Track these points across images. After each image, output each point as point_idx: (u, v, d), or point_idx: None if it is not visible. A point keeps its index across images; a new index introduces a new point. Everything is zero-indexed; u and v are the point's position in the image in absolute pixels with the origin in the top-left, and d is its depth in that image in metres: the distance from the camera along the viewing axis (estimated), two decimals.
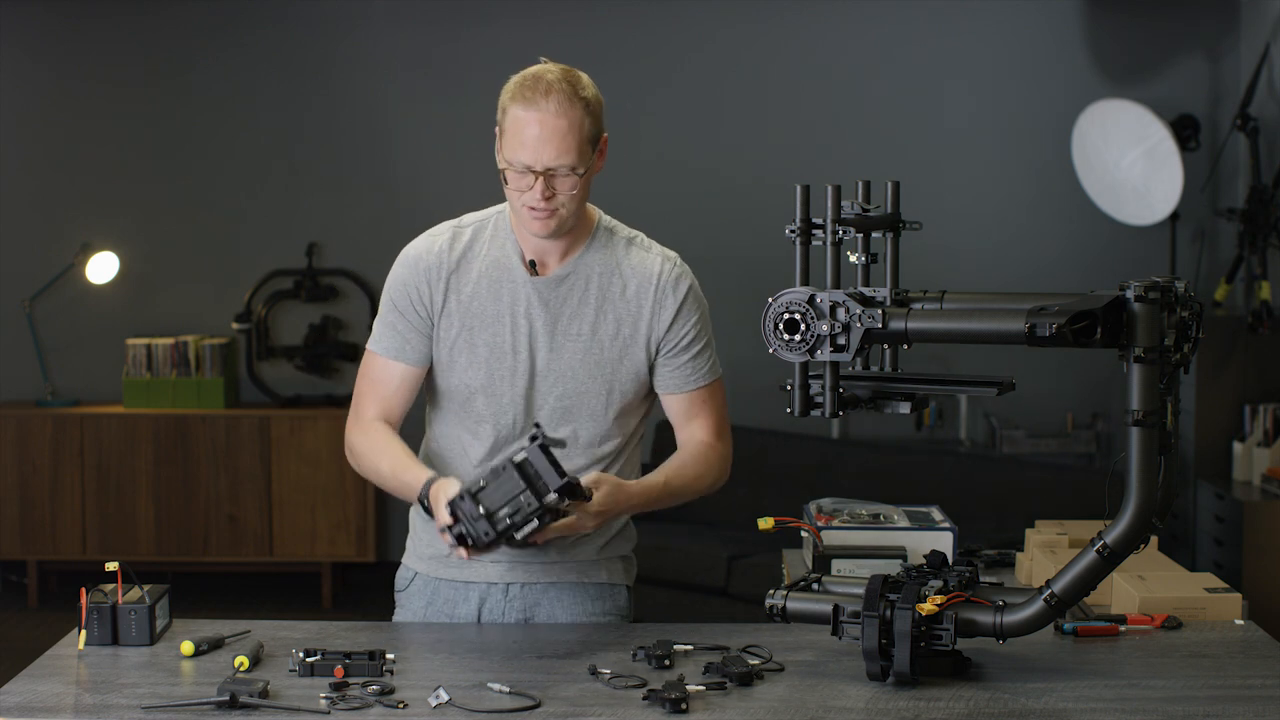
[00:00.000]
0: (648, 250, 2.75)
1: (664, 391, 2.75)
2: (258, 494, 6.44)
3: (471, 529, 2.41)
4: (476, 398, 2.70)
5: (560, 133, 2.54)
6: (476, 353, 2.69)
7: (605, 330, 2.69)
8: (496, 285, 2.69)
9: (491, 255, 2.70)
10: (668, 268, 2.73)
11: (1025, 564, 3.02)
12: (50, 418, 6.49)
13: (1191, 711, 2.21)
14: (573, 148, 2.56)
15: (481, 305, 2.69)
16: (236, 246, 6.87)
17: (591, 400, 2.70)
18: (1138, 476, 2.24)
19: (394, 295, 2.72)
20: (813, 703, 2.25)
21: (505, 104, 2.59)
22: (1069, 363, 6.44)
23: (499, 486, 2.41)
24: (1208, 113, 6.44)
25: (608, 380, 2.70)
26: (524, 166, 2.56)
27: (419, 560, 2.83)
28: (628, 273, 2.71)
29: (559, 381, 2.68)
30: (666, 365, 2.73)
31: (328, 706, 2.22)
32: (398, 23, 6.70)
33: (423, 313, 2.70)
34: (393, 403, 2.74)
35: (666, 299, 2.71)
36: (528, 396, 2.69)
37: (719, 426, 2.79)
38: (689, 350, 2.73)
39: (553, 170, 2.56)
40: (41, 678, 2.37)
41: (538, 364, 2.68)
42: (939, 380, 2.43)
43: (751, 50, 6.68)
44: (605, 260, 2.71)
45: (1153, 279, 2.21)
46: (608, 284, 2.70)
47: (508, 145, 2.58)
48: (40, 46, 6.80)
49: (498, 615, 2.76)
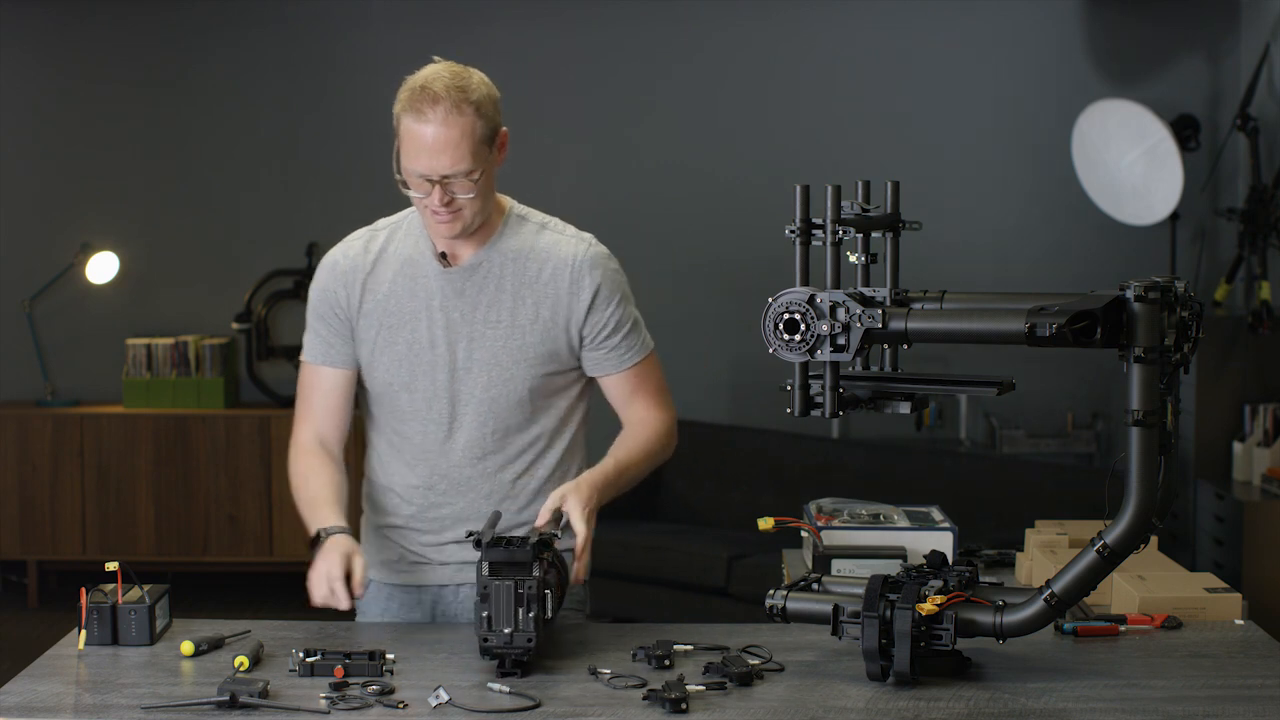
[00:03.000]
0: (561, 233, 2.76)
1: (599, 374, 2.78)
2: (258, 494, 6.44)
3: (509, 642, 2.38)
4: (400, 395, 2.72)
5: (452, 142, 2.55)
6: (396, 350, 2.71)
7: (524, 315, 2.70)
8: (411, 281, 2.71)
9: (404, 253, 2.73)
10: (582, 248, 2.73)
11: (1025, 564, 3.02)
12: (50, 418, 6.49)
13: (1191, 711, 2.21)
14: (466, 154, 2.56)
15: (398, 303, 2.71)
16: (236, 246, 6.87)
17: (518, 386, 2.71)
18: (1138, 476, 2.24)
19: (315, 303, 2.77)
20: (813, 703, 2.25)
21: (398, 114, 2.61)
22: (1069, 363, 6.44)
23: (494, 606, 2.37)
24: (1208, 113, 6.43)
25: (531, 365, 2.71)
26: (420, 176, 2.58)
27: (373, 567, 2.84)
28: (542, 256, 2.72)
29: (483, 371, 2.70)
30: (597, 350, 2.74)
31: (328, 706, 2.22)
32: (398, 23, 6.70)
33: (342, 315, 2.73)
34: (325, 412, 2.77)
35: (584, 280, 2.71)
36: (451, 389, 2.71)
37: (658, 398, 2.82)
38: (618, 332, 2.75)
39: (449, 178, 2.58)
40: (41, 678, 2.37)
41: (458, 356, 2.70)
42: (939, 380, 2.43)
43: (751, 50, 6.68)
44: (518, 246, 2.72)
45: (1153, 279, 2.21)
46: (522, 269, 2.71)
47: (404, 155, 2.60)
48: (40, 46, 6.80)
49: (451, 616, 2.79)
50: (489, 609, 2.35)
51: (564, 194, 6.69)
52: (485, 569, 2.38)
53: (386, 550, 2.82)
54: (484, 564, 2.38)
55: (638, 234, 6.50)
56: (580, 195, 6.59)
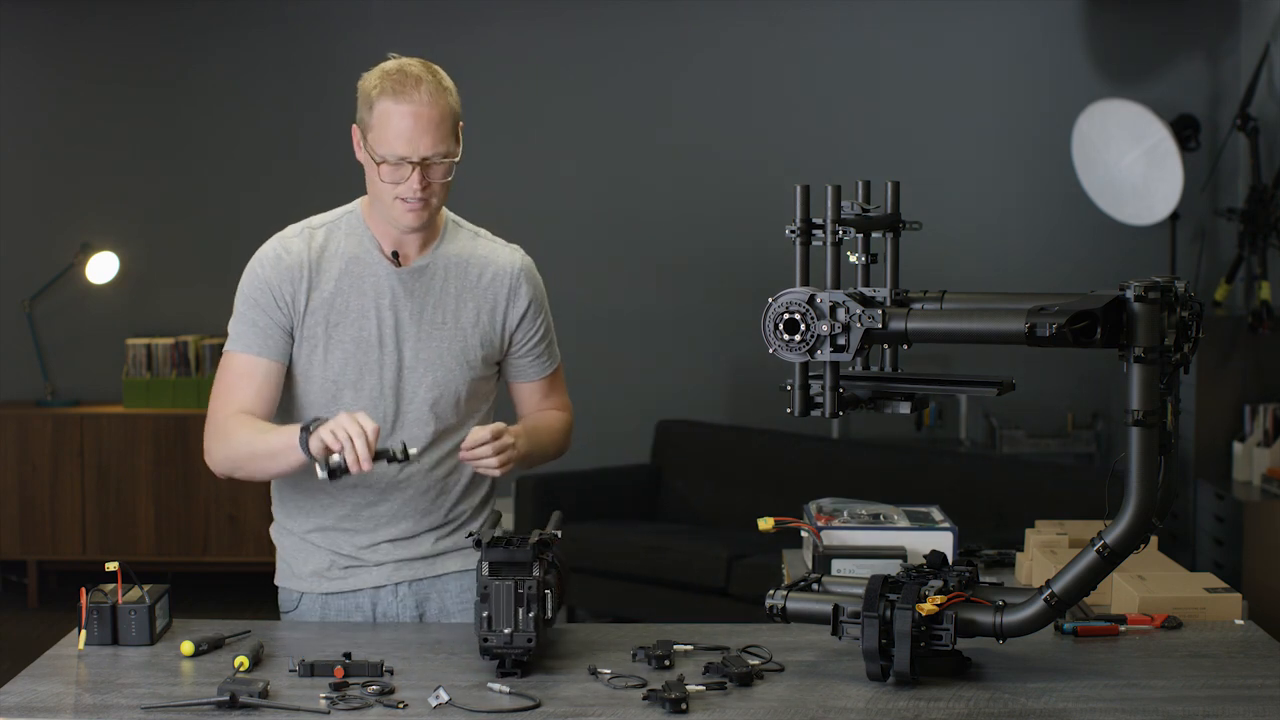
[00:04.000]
0: (494, 242, 2.83)
1: (519, 380, 2.85)
2: (258, 494, 6.40)
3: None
4: (344, 393, 2.71)
5: (435, 121, 2.60)
6: (343, 348, 2.70)
7: (466, 318, 2.74)
8: (359, 280, 2.71)
9: (349, 251, 2.72)
10: (517, 258, 2.81)
11: (1025, 564, 3.02)
12: (50, 418, 6.49)
13: (1191, 711, 2.21)
14: (447, 135, 2.62)
15: (345, 300, 2.70)
16: (236, 246, 6.80)
17: (457, 386, 2.75)
18: (1138, 476, 2.24)
19: (254, 294, 2.71)
20: (813, 703, 2.25)
21: (372, 98, 2.61)
22: (1069, 363, 6.43)
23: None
24: (1208, 113, 6.44)
25: (471, 367, 2.75)
26: (400, 158, 2.59)
27: (298, 579, 2.82)
28: (481, 263, 2.77)
29: (429, 371, 2.72)
30: (524, 358, 2.83)
31: (328, 706, 2.22)
32: (398, 23, 6.70)
33: (285, 309, 2.70)
34: (255, 401, 2.70)
35: (520, 287, 2.78)
36: (397, 388, 2.71)
37: (565, 399, 2.93)
38: (542, 342, 2.84)
39: (429, 159, 2.60)
40: (41, 678, 2.37)
41: (405, 355, 2.71)
42: (939, 380, 2.43)
43: (751, 51, 6.68)
44: (458, 251, 2.77)
45: (1153, 279, 2.21)
46: (464, 273, 2.75)
47: (380, 140, 2.60)
48: (40, 46, 6.80)
49: (393, 616, 2.78)
50: (489, 609, 2.35)
51: (564, 194, 6.69)
52: (485, 569, 2.38)
53: (314, 558, 2.79)
54: (484, 564, 2.38)
55: (637, 234, 6.50)
56: (580, 195, 6.59)
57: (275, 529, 2.87)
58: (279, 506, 2.85)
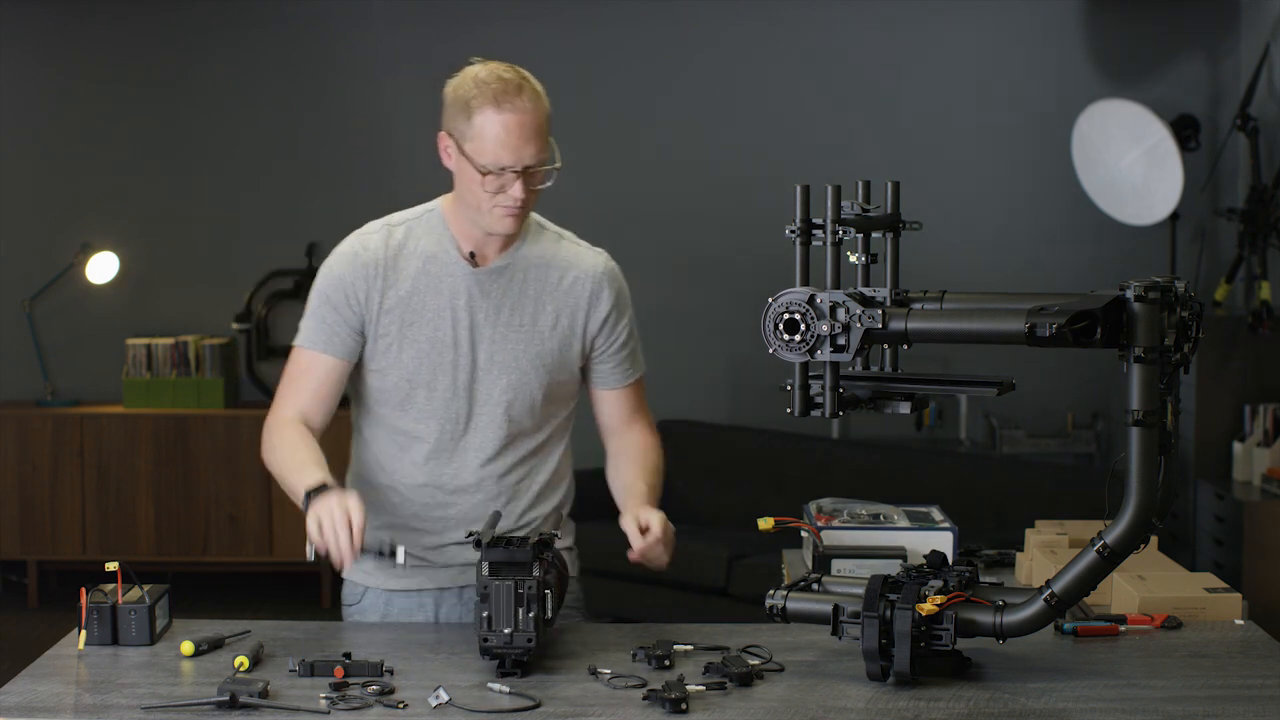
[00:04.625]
0: (578, 244, 2.80)
1: (600, 387, 2.81)
2: (258, 494, 6.43)
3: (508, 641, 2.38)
4: (418, 393, 2.70)
5: (538, 128, 2.59)
6: (418, 347, 2.69)
7: (545, 321, 2.72)
8: (435, 279, 2.70)
9: (427, 250, 2.71)
10: (601, 261, 2.79)
11: (1025, 564, 3.02)
12: (50, 418, 6.49)
13: (1191, 711, 2.21)
14: (546, 138, 2.62)
15: (421, 299, 2.69)
16: (236, 246, 6.87)
17: (532, 391, 2.72)
18: (1138, 476, 2.24)
19: (328, 290, 2.71)
20: (813, 703, 2.25)
21: (470, 107, 2.58)
22: (1069, 363, 6.44)
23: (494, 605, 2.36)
24: (1208, 113, 6.44)
25: (548, 370, 2.73)
26: (503, 168, 2.57)
27: (366, 574, 2.82)
28: (563, 265, 2.75)
29: (503, 373, 2.70)
30: (605, 363, 2.79)
31: (328, 706, 2.22)
32: (398, 23, 6.70)
33: (356, 309, 2.69)
34: (314, 399, 2.72)
35: (603, 291, 2.76)
36: (470, 389, 2.70)
37: (650, 419, 2.90)
38: (625, 347, 2.80)
39: (531, 167, 2.59)
40: (41, 678, 2.37)
41: (480, 356, 2.70)
42: (939, 380, 2.43)
43: (751, 51, 6.68)
44: (540, 253, 2.74)
45: (1153, 279, 2.21)
46: (544, 276, 2.73)
47: (481, 149, 2.57)
48: (40, 46, 6.80)
49: (455, 619, 2.78)
50: (489, 609, 2.35)
51: (563, 194, 6.68)
52: (485, 569, 2.38)
53: (382, 557, 2.80)
54: (484, 564, 2.38)
55: (637, 234, 6.49)
56: (580, 195, 6.57)
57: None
58: None
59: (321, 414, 2.74)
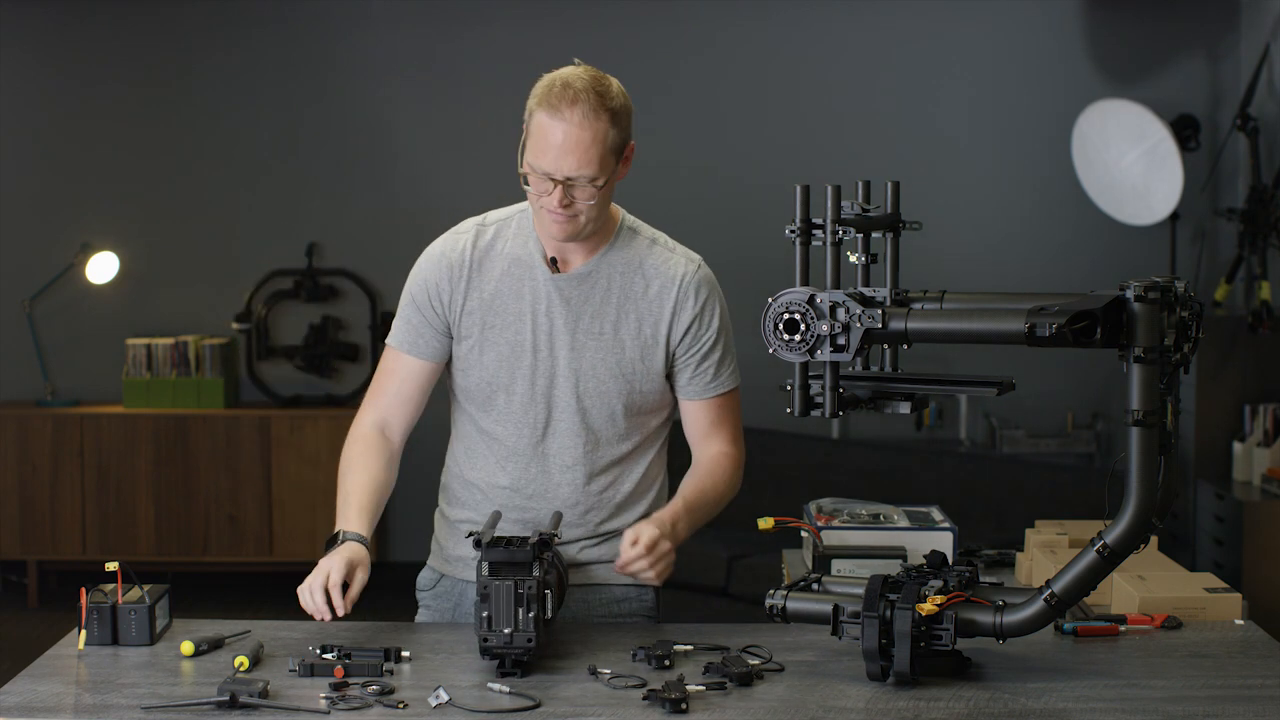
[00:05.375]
0: (671, 251, 2.75)
1: (685, 398, 2.75)
2: (258, 494, 6.44)
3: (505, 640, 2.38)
4: (497, 396, 2.70)
5: (584, 145, 2.53)
6: (499, 350, 2.68)
7: (627, 330, 2.68)
8: (518, 283, 2.68)
9: (514, 252, 2.69)
10: (691, 269, 2.74)
11: (1025, 564, 3.02)
12: (50, 418, 6.49)
13: (1191, 711, 2.21)
14: (594, 160, 2.55)
15: (503, 302, 2.68)
16: (236, 246, 6.87)
17: (611, 400, 2.69)
18: (1138, 476, 2.24)
19: (414, 290, 2.73)
20: (813, 703, 2.25)
21: (532, 107, 2.56)
22: (1069, 363, 6.44)
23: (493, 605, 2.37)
24: (1208, 113, 6.44)
25: (628, 380, 2.69)
26: (543, 174, 2.55)
27: (445, 562, 2.84)
28: (650, 273, 2.71)
29: (581, 380, 2.68)
30: (688, 369, 2.72)
31: (327, 706, 2.22)
32: (398, 23, 6.70)
33: (439, 309, 2.70)
34: (399, 400, 2.74)
35: (688, 299, 2.71)
36: (549, 396, 2.68)
37: (736, 434, 2.80)
38: (710, 355, 2.72)
39: (572, 180, 2.55)
40: (41, 678, 2.37)
41: (559, 362, 2.67)
42: (939, 380, 2.43)
43: (751, 50, 6.68)
44: (627, 260, 2.71)
45: (1153, 279, 2.21)
46: (630, 283, 2.69)
47: (531, 150, 2.56)
48: (40, 46, 6.80)
49: None
50: (489, 609, 2.35)
51: None
52: (485, 569, 2.38)
53: (461, 546, 2.79)
54: (484, 564, 2.38)
55: None
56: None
57: (437, 513, 2.86)
58: (442, 492, 2.86)
59: (404, 416, 2.75)
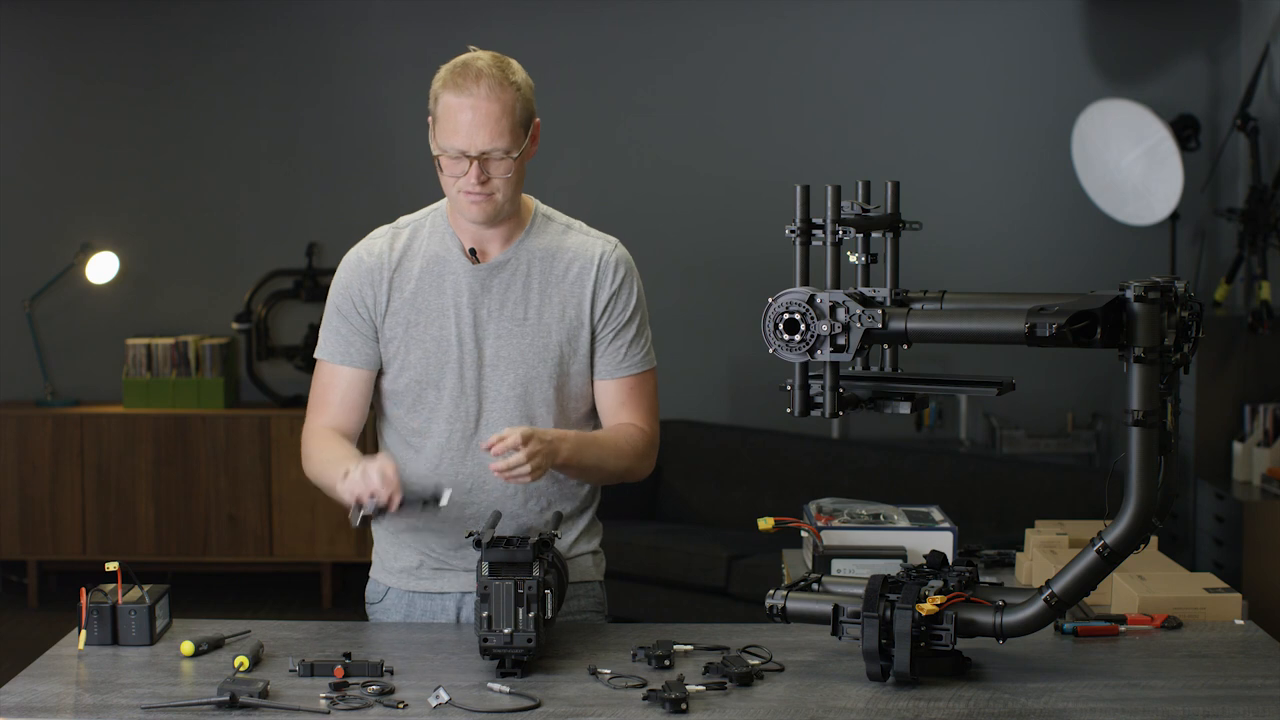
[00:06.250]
0: (587, 234, 2.77)
1: (598, 377, 2.75)
2: (258, 494, 6.44)
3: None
4: (427, 393, 2.71)
5: (494, 117, 2.57)
6: (424, 347, 2.70)
7: (551, 314, 2.70)
8: (438, 279, 2.70)
9: (431, 250, 2.72)
10: (609, 249, 2.76)
11: (1025, 564, 3.02)
12: (50, 418, 6.49)
13: (1191, 711, 2.21)
14: (505, 131, 2.59)
15: (425, 300, 2.70)
16: (236, 246, 6.87)
17: (544, 385, 2.70)
18: (1138, 476, 2.24)
19: (337, 300, 2.74)
20: (813, 703, 2.25)
21: (437, 92, 2.61)
22: (1069, 363, 6.44)
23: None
24: (1208, 113, 6.44)
25: (558, 364, 2.70)
26: (458, 152, 2.59)
27: (389, 574, 2.83)
28: (569, 256, 2.73)
29: (510, 369, 2.69)
30: (600, 345, 2.73)
31: (328, 706, 2.22)
32: (398, 23, 6.70)
33: (365, 315, 2.71)
34: (341, 409, 2.74)
35: (606, 276, 2.73)
36: (479, 387, 2.69)
37: (648, 416, 2.77)
38: (625, 332, 2.74)
39: (487, 154, 2.59)
40: (41, 678, 2.37)
41: (485, 353, 2.69)
42: (939, 380, 2.43)
43: (750, 50, 6.68)
44: (545, 245, 2.73)
45: (1153, 279, 2.21)
46: (549, 268, 2.71)
47: (441, 132, 2.61)
48: (40, 46, 6.80)
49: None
50: (489, 609, 2.35)
51: (563, 193, 6.68)
52: (485, 569, 2.38)
53: (404, 557, 2.80)
54: (484, 564, 2.38)
55: (636, 234, 6.46)
56: (579, 195, 6.58)
57: (376, 524, 2.84)
58: None
59: (353, 422, 2.76)
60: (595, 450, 2.67)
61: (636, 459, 2.74)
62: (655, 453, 2.79)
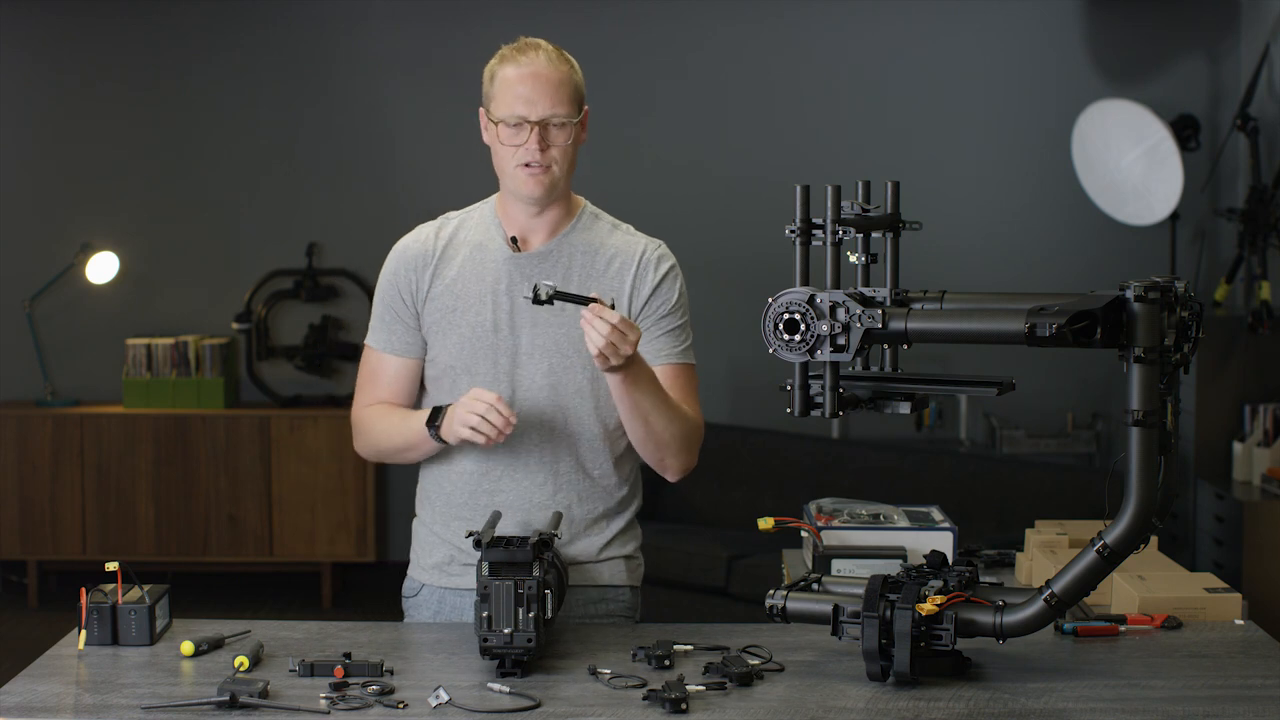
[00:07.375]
0: (633, 235, 2.80)
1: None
2: (258, 494, 6.44)
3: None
4: (461, 379, 2.72)
5: (554, 83, 2.64)
6: (459, 333, 2.71)
7: None
8: (480, 267, 2.72)
9: (475, 239, 2.75)
10: (652, 247, 2.78)
11: (1025, 564, 3.02)
12: (50, 418, 6.49)
13: (1191, 711, 2.21)
14: (566, 99, 2.65)
15: (465, 287, 2.72)
16: (236, 246, 6.87)
17: (578, 376, 2.71)
18: (1138, 476, 2.24)
19: (383, 288, 2.79)
20: (813, 703, 2.25)
21: (493, 69, 2.70)
22: (1069, 363, 6.44)
23: None
24: (1208, 113, 6.44)
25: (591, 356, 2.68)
26: (519, 118, 2.62)
27: (423, 571, 2.84)
28: (611, 252, 2.75)
29: (544, 358, 2.70)
30: (645, 337, 2.72)
31: (328, 706, 2.22)
32: (398, 23, 6.70)
33: (408, 302, 2.74)
34: (389, 392, 2.78)
35: (648, 273, 2.75)
36: (512, 375, 2.71)
37: (689, 400, 2.80)
38: (667, 322, 2.76)
39: (547, 120, 2.63)
40: (41, 678, 2.37)
41: (521, 341, 2.70)
42: (939, 380, 2.43)
43: (751, 50, 6.68)
44: (589, 240, 2.75)
45: (1153, 279, 2.21)
46: (590, 262, 2.73)
47: (500, 105, 2.65)
48: (40, 46, 6.80)
49: None
50: (489, 609, 2.35)
51: None
52: (485, 569, 2.38)
53: (437, 552, 2.80)
54: (484, 564, 2.39)
55: None
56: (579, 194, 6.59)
57: (415, 521, 2.88)
58: (418, 496, 2.87)
59: (400, 404, 2.79)
60: (662, 394, 2.67)
61: (686, 433, 2.75)
62: (697, 447, 2.82)
